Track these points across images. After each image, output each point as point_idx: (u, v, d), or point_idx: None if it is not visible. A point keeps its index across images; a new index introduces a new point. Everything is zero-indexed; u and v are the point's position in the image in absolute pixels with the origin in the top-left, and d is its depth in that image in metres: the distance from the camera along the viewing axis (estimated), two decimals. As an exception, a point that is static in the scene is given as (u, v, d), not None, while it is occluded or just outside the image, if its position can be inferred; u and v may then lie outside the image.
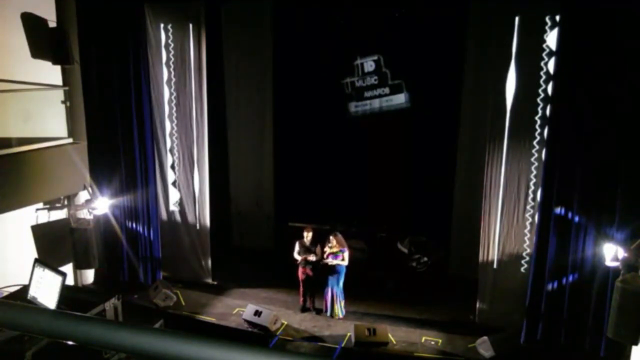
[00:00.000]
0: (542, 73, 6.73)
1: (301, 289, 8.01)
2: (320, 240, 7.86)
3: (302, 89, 10.13)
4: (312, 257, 7.73)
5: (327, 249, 7.67)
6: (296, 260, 7.87)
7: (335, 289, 7.73)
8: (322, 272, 7.78)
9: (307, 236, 7.85)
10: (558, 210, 6.46)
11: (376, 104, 9.91)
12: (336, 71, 9.98)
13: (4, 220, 6.63)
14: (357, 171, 10.06)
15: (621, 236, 5.72)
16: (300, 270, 7.89)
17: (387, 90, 9.81)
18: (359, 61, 9.85)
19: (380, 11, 9.37)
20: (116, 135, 8.28)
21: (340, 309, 7.82)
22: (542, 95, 6.76)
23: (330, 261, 7.61)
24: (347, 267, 7.72)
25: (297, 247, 7.86)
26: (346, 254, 7.66)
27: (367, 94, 9.96)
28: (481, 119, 7.90)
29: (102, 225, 8.36)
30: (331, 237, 7.69)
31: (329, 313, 7.83)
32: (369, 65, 9.82)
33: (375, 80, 9.84)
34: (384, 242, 10.02)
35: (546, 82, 6.67)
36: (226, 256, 9.76)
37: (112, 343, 1.10)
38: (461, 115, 8.95)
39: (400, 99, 9.74)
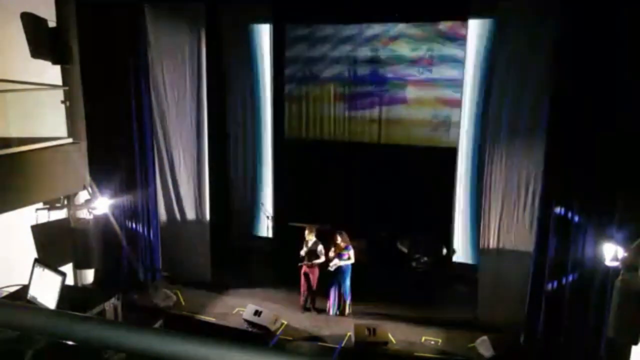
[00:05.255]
0: (542, 72, 6.73)
1: (302, 288, 8.01)
2: (322, 239, 7.88)
3: (302, 89, 10.14)
4: (317, 261, 7.76)
5: (332, 252, 7.66)
6: (302, 258, 7.88)
7: (343, 287, 7.75)
8: (327, 271, 7.79)
9: (310, 235, 7.85)
10: (558, 210, 6.45)
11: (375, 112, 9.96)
12: (336, 71, 9.98)
13: (4, 220, 6.62)
14: (357, 170, 10.07)
15: (621, 236, 5.71)
16: (303, 269, 7.90)
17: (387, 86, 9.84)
18: (357, 55, 9.83)
19: (380, 12, 9.37)
20: (116, 135, 8.26)
21: (346, 307, 7.84)
22: (542, 94, 6.75)
23: (337, 262, 7.61)
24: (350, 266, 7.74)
25: (304, 247, 7.88)
26: (352, 252, 7.68)
27: (366, 96, 9.98)
28: (481, 119, 7.90)
29: (102, 225, 8.33)
30: (337, 236, 7.69)
31: (332, 312, 7.84)
32: (366, 67, 9.83)
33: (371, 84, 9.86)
34: (384, 241, 10.02)
35: (546, 81, 6.67)
36: (226, 256, 9.76)
37: (112, 343, 1.10)
38: (461, 114, 8.95)
39: (401, 107, 9.77)
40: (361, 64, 9.77)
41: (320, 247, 7.80)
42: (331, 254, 7.66)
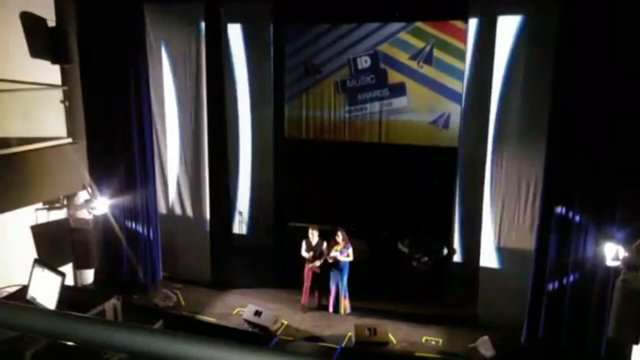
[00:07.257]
0: (543, 72, 6.72)
1: (305, 287, 8.01)
2: (326, 239, 7.90)
3: (302, 89, 10.14)
4: (317, 263, 7.81)
5: (334, 250, 7.68)
6: (305, 259, 7.91)
7: (340, 285, 7.77)
8: (326, 269, 7.82)
9: (313, 235, 7.87)
10: (558, 209, 6.45)
11: (376, 107, 9.97)
12: (336, 70, 10.00)
13: (4, 220, 6.62)
14: (357, 170, 10.07)
15: (622, 235, 5.71)
16: (306, 268, 7.91)
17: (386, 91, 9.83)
18: (358, 53, 9.85)
19: (380, 11, 9.38)
20: (116, 135, 8.25)
21: (345, 305, 7.86)
22: (543, 94, 6.75)
23: (339, 256, 7.64)
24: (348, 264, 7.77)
25: (304, 246, 7.90)
26: (350, 250, 7.72)
27: (365, 95, 10.00)
28: (482, 118, 7.90)
29: (101, 225, 8.34)
30: (338, 233, 7.72)
31: (332, 309, 7.87)
32: (366, 65, 9.84)
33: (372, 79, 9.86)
34: (384, 241, 10.01)
35: (547, 81, 6.66)
36: (226, 256, 9.75)
37: (112, 343, 1.10)
38: (462, 114, 8.94)
39: (402, 102, 9.76)
40: (361, 62, 9.79)
41: (324, 246, 7.84)
42: (332, 252, 7.69)
